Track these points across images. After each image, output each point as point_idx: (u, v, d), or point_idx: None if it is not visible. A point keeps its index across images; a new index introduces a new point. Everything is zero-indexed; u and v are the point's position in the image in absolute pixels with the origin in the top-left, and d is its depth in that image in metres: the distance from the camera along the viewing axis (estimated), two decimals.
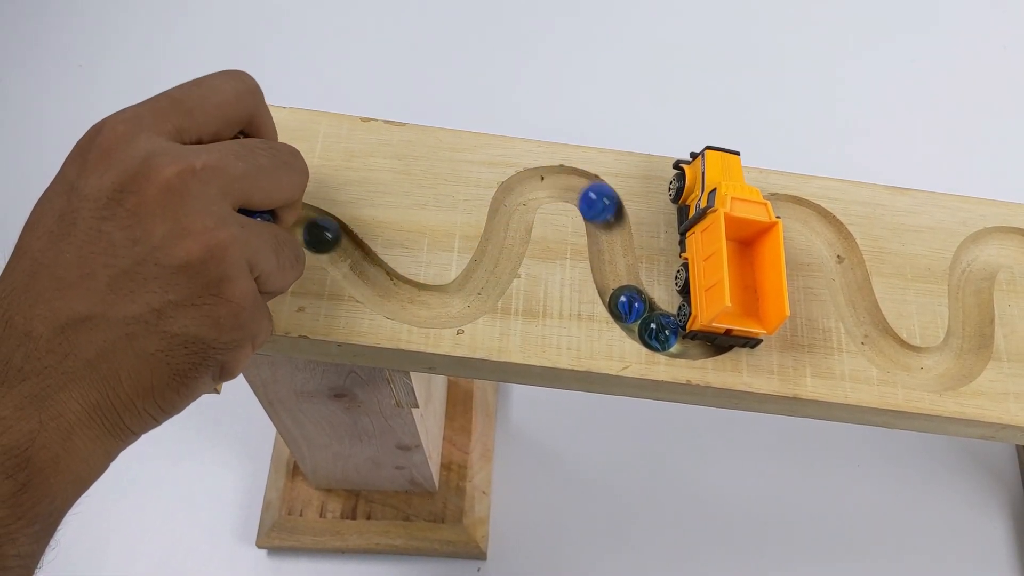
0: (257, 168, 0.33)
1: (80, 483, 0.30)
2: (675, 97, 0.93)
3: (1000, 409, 0.42)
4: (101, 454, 0.30)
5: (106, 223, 0.30)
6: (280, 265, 0.34)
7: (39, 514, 0.29)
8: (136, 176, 0.30)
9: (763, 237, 0.42)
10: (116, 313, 0.29)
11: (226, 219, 0.31)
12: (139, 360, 0.30)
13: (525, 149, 0.47)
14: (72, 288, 0.29)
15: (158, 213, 0.30)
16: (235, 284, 0.31)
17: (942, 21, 0.99)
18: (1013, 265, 0.47)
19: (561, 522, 0.71)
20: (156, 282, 0.30)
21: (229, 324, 0.31)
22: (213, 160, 0.31)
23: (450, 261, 0.44)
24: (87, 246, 0.30)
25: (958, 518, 0.72)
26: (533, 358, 0.42)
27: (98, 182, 0.30)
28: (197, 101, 0.33)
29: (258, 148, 0.34)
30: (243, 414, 0.72)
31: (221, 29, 0.97)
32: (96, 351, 0.29)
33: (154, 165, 0.30)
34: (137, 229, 0.30)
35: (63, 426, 0.29)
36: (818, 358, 0.43)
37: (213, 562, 0.69)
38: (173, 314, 0.30)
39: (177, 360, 0.31)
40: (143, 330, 0.30)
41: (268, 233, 0.33)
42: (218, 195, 0.31)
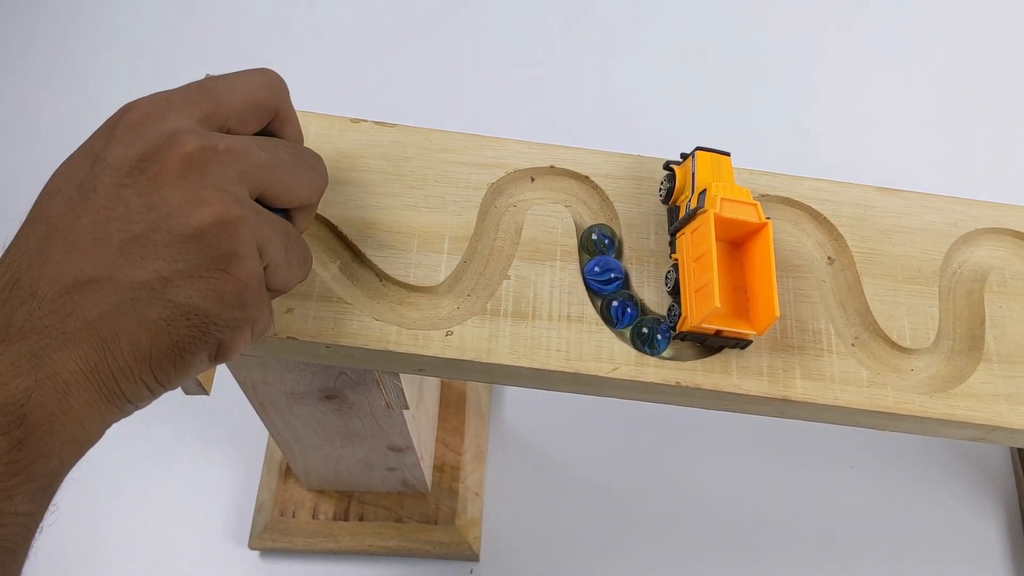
0: (278, 161, 0.34)
1: (76, 446, 0.30)
2: (665, 98, 0.93)
3: (990, 411, 0.42)
4: (97, 419, 0.30)
5: (125, 189, 0.31)
6: (288, 260, 0.34)
7: (35, 472, 0.29)
8: (160, 147, 0.31)
9: (753, 238, 0.42)
10: (123, 277, 0.30)
11: (241, 199, 0.32)
12: (140, 326, 0.30)
13: (515, 150, 0.47)
14: (83, 251, 0.30)
15: (177, 182, 0.31)
16: (243, 262, 0.31)
17: (936, 22, 0.99)
18: (1004, 266, 0.47)
19: (554, 524, 0.71)
20: (167, 250, 0.30)
21: (232, 301, 0.31)
22: (236, 145, 0.32)
23: (439, 262, 0.44)
24: (104, 211, 0.30)
25: (952, 519, 0.72)
26: (522, 360, 0.41)
27: (123, 152, 0.31)
28: (225, 90, 0.34)
29: (281, 145, 0.34)
30: (235, 416, 0.71)
31: (214, 30, 0.97)
32: (98, 313, 0.29)
33: (179, 139, 0.31)
34: (154, 196, 0.30)
35: (59, 385, 0.29)
36: (808, 359, 0.43)
37: (206, 563, 0.69)
38: (180, 283, 0.30)
39: (177, 330, 0.31)
40: (148, 296, 0.30)
41: (280, 226, 0.34)
42: (236, 178, 0.32)
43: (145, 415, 0.78)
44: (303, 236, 0.38)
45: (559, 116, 0.90)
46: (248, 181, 0.32)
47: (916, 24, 0.99)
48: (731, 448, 0.74)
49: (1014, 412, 0.43)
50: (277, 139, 0.35)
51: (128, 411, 0.32)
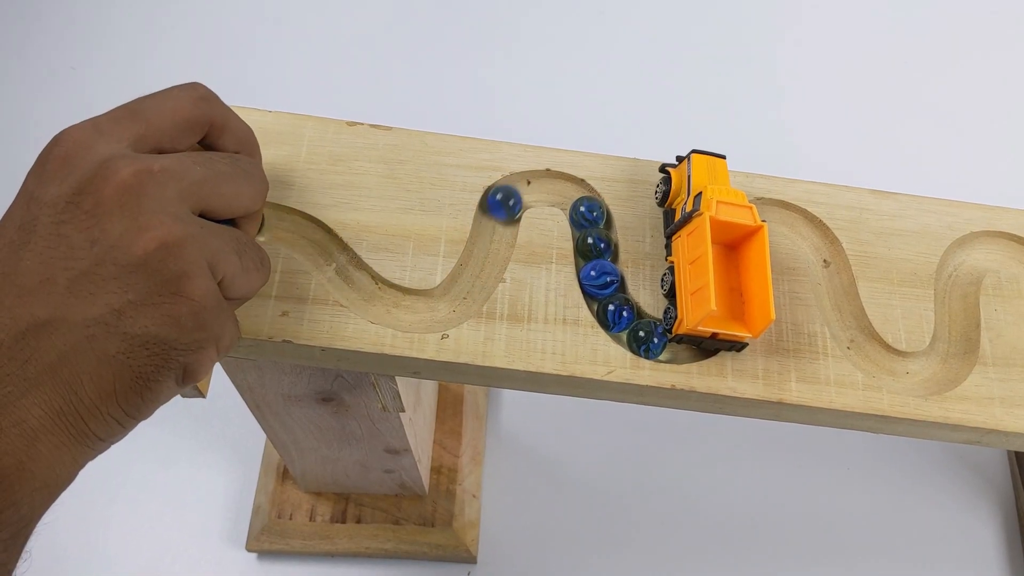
0: (216, 174, 0.33)
1: (48, 491, 0.30)
2: (661, 101, 0.93)
3: (985, 414, 0.42)
4: (68, 461, 0.30)
5: (64, 226, 0.30)
6: (244, 267, 0.34)
7: (5, 521, 0.28)
8: (93, 178, 0.30)
9: (749, 241, 0.42)
10: (76, 315, 0.29)
11: (183, 218, 0.31)
12: (100, 363, 0.30)
13: (511, 153, 0.47)
14: (32, 294, 0.29)
15: (115, 212, 0.30)
16: (194, 282, 0.31)
17: (931, 25, 0.99)
18: (1000, 269, 0.47)
19: (551, 526, 0.71)
20: (115, 282, 0.30)
21: (190, 324, 0.31)
22: (170, 164, 0.32)
23: (435, 265, 0.44)
24: (47, 251, 0.30)
25: (949, 522, 0.72)
26: (518, 363, 0.41)
27: (56, 189, 0.31)
28: (154, 110, 0.33)
29: (216, 157, 0.34)
30: (233, 418, 0.71)
31: (210, 33, 0.97)
32: (57, 355, 0.29)
33: (111, 167, 0.31)
34: (95, 229, 0.30)
35: (26, 432, 0.28)
36: (803, 363, 0.43)
37: (202, 566, 0.69)
38: (133, 314, 0.30)
39: (138, 362, 0.30)
40: (103, 332, 0.30)
41: (228, 235, 0.33)
42: (176, 197, 0.31)
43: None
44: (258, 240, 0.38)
45: (555, 119, 0.90)
46: (188, 198, 0.32)
47: (911, 27, 0.99)
48: (728, 450, 0.74)
49: (1009, 415, 0.43)
50: (211, 152, 0.34)
51: (101, 448, 0.31)
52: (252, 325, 0.41)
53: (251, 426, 0.60)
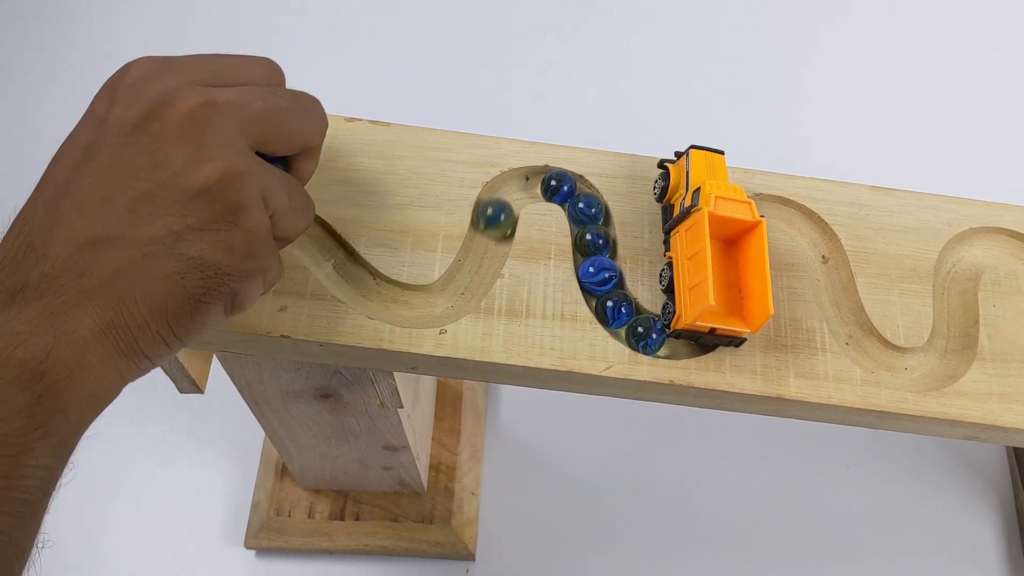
0: (278, 109, 0.34)
1: (94, 402, 0.31)
2: (660, 97, 0.93)
3: (983, 409, 0.42)
4: (115, 374, 0.31)
5: (128, 148, 0.31)
6: (292, 207, 0.35)
7: (55, 427, 0.29)
8: (161, 106, 0.31)
9: (747, 236, 0.42)
10: (134, 234, 0.30)
11: (243, 152, 0.32)
12: (155, 281, 0.30)
13: (509, 149, 0.47)
14: (92, 210, 0.30)
15: (179, 140, 0.31)
16: (250, 213, 0.32)
17: (930, 21, 0.99)
18: (998, 265, 0.47)
19: (550, 523, 0.71)
20: (175, 205, 0.31)
21: (243, 252, 0.32)
22: (235, 97, 0.32)
23: (433, 261, 0.44)
24: (110, 171, 0.31)
25: (948, 519, 0.72)
26: (516, 358, 0.41)
27: (123, 112, 0.31)
28: (226, 67, 0.34)
29: (279, 92, 0.35)
30: (232, 415, 0.71)
31: (208, 29, 0.97)
32: (112, 270, 0.30)
33: (179, 96, 0.32)
34: (159, 154, 0.31)
35: (77, 342, 0.29)
36: (802, 358, 0.43)
37: (201, 563, 0.69)
38: (190, 238, 0.31)
39: (192, 283, 0.31)
40: (160, 251, 0.30)
41: (282, 177, 0.34)
42: (238, 130, 0.32)
43: (141, 415, 0.78)
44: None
45: (553, 115, 0.90)
46: (249, 132, 0.33)
47: (910, 23, 0.99)
48: (727, 448, 0.74)
49: (1008, 411, 0.43)
50: (273, 88, 0.35)
51: (145, 367, 0.32)
52: (250, 320, 0.41)
53: (250, 423, 0.60)
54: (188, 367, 0.46)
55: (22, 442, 0.28)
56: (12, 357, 0.28)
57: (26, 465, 0.28)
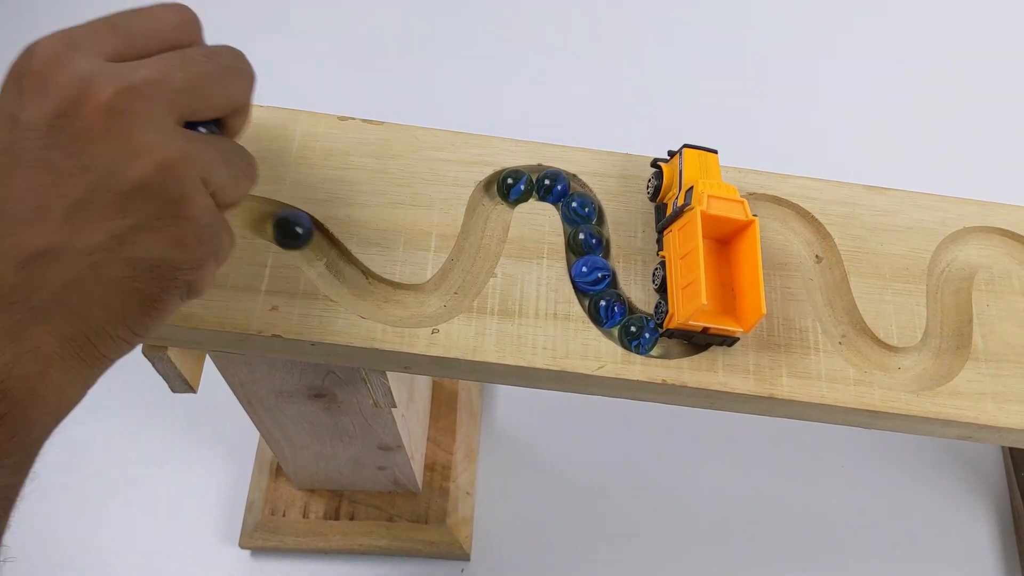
0: (199, 76, 0.31)
1: (57, 414, 0.30)
2: (653, 96, 0.93)
3: (977, 409, 0.42)
4: (79, 383, 0.30)
5: (51, 151, 0.29)
6: (233, 176, 0.33)
7: (17, 445, 0.29)
8: (75, 100, 0.29)
9: (740, 235, 0.42)
10: (76, 243, 0.29)
11: (174, 135, 0.30)
12: (107, 288, 0.30)
13: (503, 148, 0.47)
14: (27, 222, 0.29)
15: (103, 135, 0.29)
16: (193, 201, 0.30)
17: (925, 20, 0.99)
18: (992, 265, 0.47)
19: (545, 523, 0.71)
20: (113, 208, 0.29)
21: (192, 242, 0.31)
22: (152, 74, 0.30)
23: (426, 260, 0.43)
24: (36, 178, 0.29)
25: (943, 519, 0.72)
26: (508, 358, 0.41)
27: (36, 110, 0.29)
28: (137, 26, 0.32)
29: (197, 56, 0.32)
30: (226, 415, 0.71)
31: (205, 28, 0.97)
32: (62, 283, 0.29)
33: (93, 86, 0.29)
34: (84, 155, 0.29)
35: (39, 359, 0.29)
36: (795, 358, 0.43)
37: (196, 563, 0.69)
38: (135, 239, 0.30)
39: (145, 284, 0.30)
40: (107, 258, 0.29)
41: (217, 145, 0.32)
42: (162, 111, 0.30)
43: (134, 415, 0.78)
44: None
45: (546, 114, 0.90)
46: (174, 109, 0.31)
47: (905, 23, 0.99)
48: (721, 447, 0.74)
49: (1001, 410, 0.43)
50: (190, 51, 0.32)
51: (107, 366, 0.32)
52: (242, 320, 0.41)
53: (244, 423, 0.60)
54: (181, 367, 0.46)
55: None
56: None
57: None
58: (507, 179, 0.46)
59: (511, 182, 0.45)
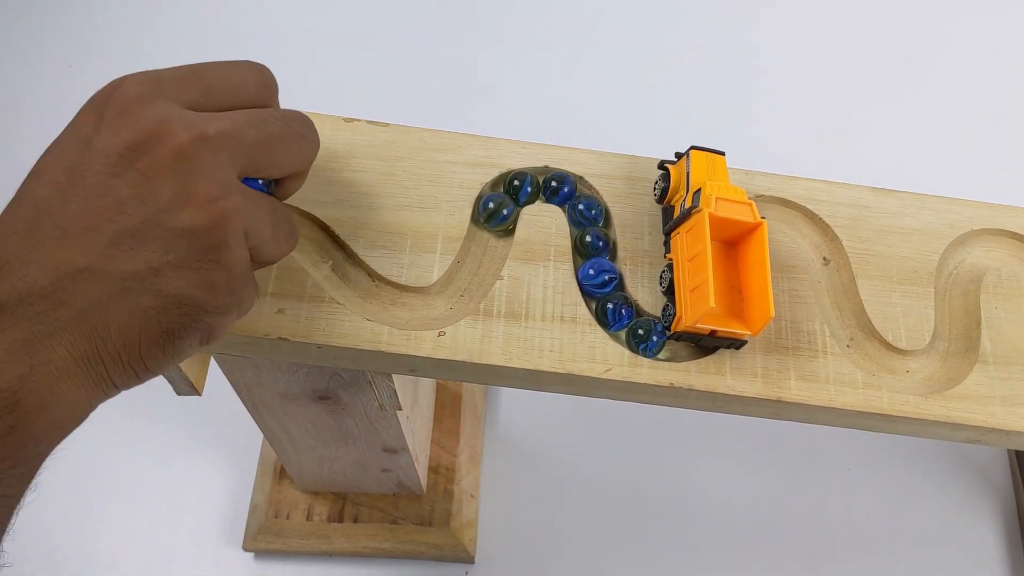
0: (269, 137, 0.34)
1: (62, 429, 0.31)
2: (661, 97, 0.93)
3: (986, 412, 0.42)
4: (84, 403, 0.31)
5: (115, 180, 0.31)
6: (275, 237, 0.35)
7: (23, 457, 0.29)
8: (150, 137, 0.31)
9: (748, 238, 0.42)
10: (115, 268, 0.30)
11: (231, 188, 0.32)
12: (131, 315, 0.30)
13: (509, 150, 0.47)
14: (75, 240, 0.30)
15: (168, 176, 0.31)
16: (232, 252, 0.32)
17: (933, 23, 0.99)
18: (1000, 267, 0.47)
19: (549, 526, 0.71)
20: (158, 242, 0.31)
21: (223, 289, 0.32)
22: (226, 127, 0.32)
23: (432, 263, 0.43)
24: (93, 199, 0.30)
25: (949, 522, 0.72)
26: (515, 360, 0.41)
27: (111, 139, 0.31)
28: (218, 81, 0.34)
29: (270, 117, 0.34)
30: (230, 417, 0.71)
31: (207, 29, 0.97)
32: (90, 302, 0.30)
33: (169, 129, 0.31)
34: (145, 190, 0.31)
35: (52, 372, 0.29)
36: (803, 361, 0.42)
37: (199, 565, 0.69)
38: (170, 274, 0.31)
39: (168, 319, 0.31)
40: (139, 287, 0.30)
41: (268, 205, 0.34)
42: (227, 163, 0.32)
43: (139, 417, 0.78)
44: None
45: (553, 116, 0.90)
46: (239, 162, 0.32)
47: (912, 25, 0.99)
48: (727, 450, 0.74)
49: (1010, 414, 0.42)
50: (264, 112, 0.35)
51: (113, 394, 0.32)
52: (248, 322, 0.41)
53: (248, 425, 0.60)
54: (186, 369, 0.46)
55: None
56: None
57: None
58: (513, 180, 0.45)
59: (517, 184, 0.45)
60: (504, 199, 0.45)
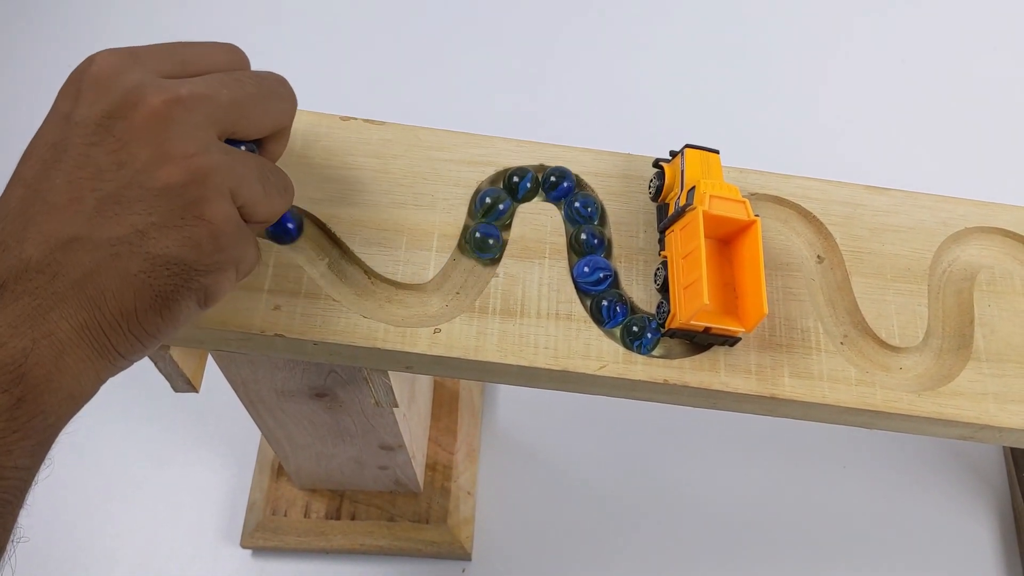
0: (244, 96, 0.34)
1: (72, 402, 0.31)
2: (655, 96, 0.93)
3: (978, 409, 0.42)
4: (91, 374, 0.31)
5: (94, 148, 0.31)
6: (266, 193, 0.35)
7: (34, 428, 0.30)
8: (125, 104, 0.31)
9: (742, 235, 0.42)
10: (102, 234, 0.31)
11: (209, 146, 0.32)
12: (123, 281, 0.31)
13: (504, 148, 0.47)
14: (61, 211, 0.31)
15: (143, 138, 0.31)
16: (213, 206, 0.32)
17: (927, 21, 0.99)
18: (994, 265, 0.47)
19: (546, 523, 0.71)
20: (140, 204, 0.31)
21: (209, 247, 0.32)
22: (199, 89, 0.32)
23: (428, 260, 0.43)
24: (76, 171, 0.31)
25: (945, 519, 0.72)
26: (510, 357, 0.41)
27: (88, 111, 0.31)
28: (192, 56, 0.34)
29: (245, 77, 0.35)
30: (227, 414, 0.71)
31: (206, 29, 0.97)
32: (83, 272, 0.30)
33: (143, 94, 0.31)
34: (123, 154, 0.31)
35: (55, 344, 0.30)
36: (796, 358, 0.43)
37: (197, 562, 0.69)
38: (155, 235, 0.31)
39: (159, 282, 0.31)
40: (127, 251, 0.31)
41: (253, 162, 0.34)
42: (204, 122, 0.32)
43: (136, 414, 0.78)
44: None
45: (548, 114, 0.90)
46: (215, 123, 0.33)
47: (907, 22, 0.99)
48: (723, 447, 0.74)
49: (1003, 411, 0.43)
50: (239, 72, 0.35)
51: (121, 365, 0.33)
52: (245, 319, 0.41)
53: (245, 422, 0.60)
54: (183, 366, 0.46)
55: (1, 444, 0.29)
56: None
57: (5, 467, 0.29)
58: (512, 176, 0.46)
59: (516, 180, 0.45)
60: (501, 194, 0.45)
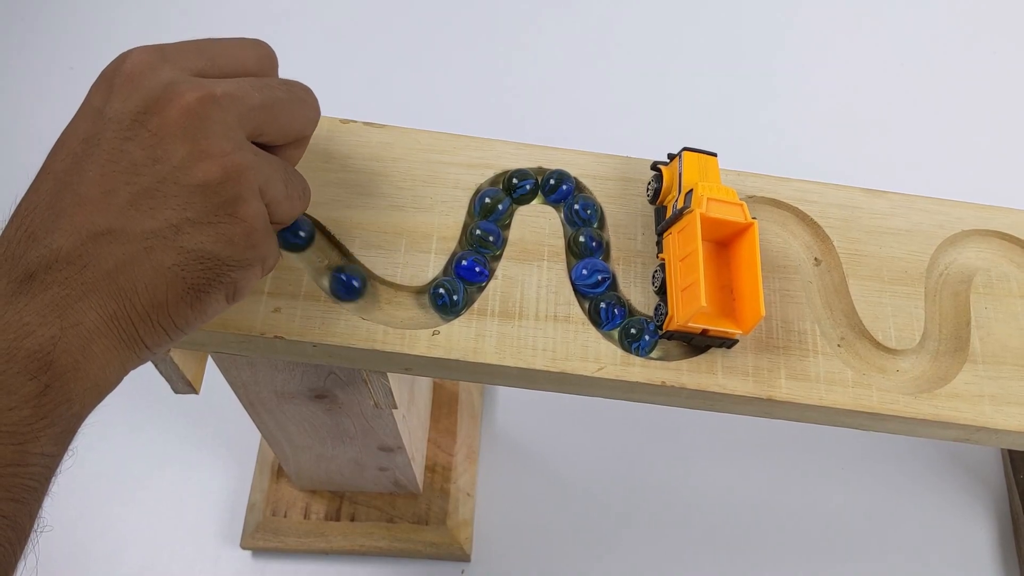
0: (274, 101, 0.35)
1: (97, 391, 0.31)
2: (653, 99, 0.93)
3: (975, 411, 0.43)
4: (117, 364, 0.32)
5: (128, 143, 0.32)
6: (288, 195, 0.35)
7: (60, 416, 0.30)
8: (159, 100, 0.32)
9: (739, 238, 0.42)
10: (135, 227, 0.31)
11: (242, 145, 0.33)
12: (156, 273, 0.31)
13: (503, 151, 0.47)
14: (94, 204, 0.31)
15: (179, 135, 0.32)
16: (248, 205, 0.33)
17: (925, 24, 1.00)
18: (990, 268, 0.47)
19: (546, 524, 0.71)
20: (175, 199, 0.31)
21: (241, 243, 0.33)
22: (232, 89, 0.33)
23: (427, 262, 0.44)
24: (109, 165, 0.31)
25: (942, 520, 0.72)
26: (508, 359, 0.42)
27: (122, 106, 0.32)
28: (221, 53, 0.35)
29: (275, 83, 0.35)
30: (228, 416, 0.71)
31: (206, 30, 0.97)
32: (115, 263, 0.31)
33: (177, 90, 0.32)
34: (158, 149, 0.32)
35: (82, 333, 0.30)
36: (793, 360, 0.43)
37: (197, 563, 0.69)
38: (190, 230, 0.32)
39: (192, 275, 0.32)
40: (160, 244, 0.31)
41: (278, 163, 0.35)
42: (235, 122, 0.33)
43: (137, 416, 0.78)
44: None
45: (547, 117, 0.90)
46: (246, 124, 0.33)
47: (905, 26, 1.00)
48: (721, 449, 0.74)
49: (998, 413, 0.43)
50: (268, 78, 0.36)
51: (146, 357, 0.33)
52: (245, 321, 0.41)
53: (245, 424, 0.60)
54: (183, 368, 0.46)
55: (28, 431, 0.29)
56: (21, 347, 0.29)
57: (31, 453, 0.29)
58: (512, 179, 0.46)
59: (516, 182, 0.46)
60: (500, 194, 0.45)
